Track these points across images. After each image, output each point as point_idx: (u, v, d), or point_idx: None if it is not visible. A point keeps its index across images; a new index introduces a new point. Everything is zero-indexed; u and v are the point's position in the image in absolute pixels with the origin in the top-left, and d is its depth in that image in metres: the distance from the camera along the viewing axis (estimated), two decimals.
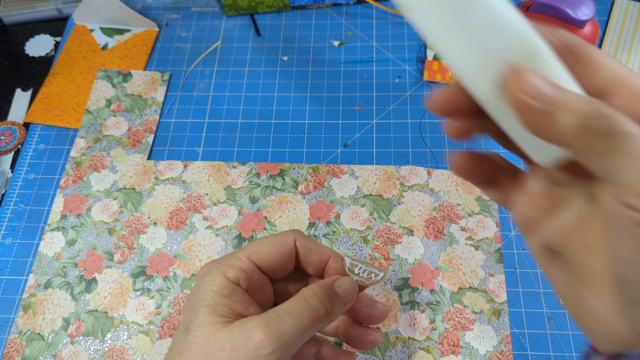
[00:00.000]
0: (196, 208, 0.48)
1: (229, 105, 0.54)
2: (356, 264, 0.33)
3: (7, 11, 0.61)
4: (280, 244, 0.32)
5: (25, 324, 0.43)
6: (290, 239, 0.33)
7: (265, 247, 0.32)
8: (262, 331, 0.27)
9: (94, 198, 0.48)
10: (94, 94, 0.55)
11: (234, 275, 0.30)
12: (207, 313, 0.28)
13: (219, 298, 0.29)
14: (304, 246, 0.33)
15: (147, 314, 0.43)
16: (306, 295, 0.30)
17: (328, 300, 0.29)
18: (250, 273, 0.31)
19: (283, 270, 0.33)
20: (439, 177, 0.48)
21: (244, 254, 0.31)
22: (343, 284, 0.31)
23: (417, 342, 0.41)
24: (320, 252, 0.33)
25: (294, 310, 0.29)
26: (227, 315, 0.29)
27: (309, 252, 0.33)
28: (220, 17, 0.61)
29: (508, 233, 0.45)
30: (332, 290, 0.30)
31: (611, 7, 0.58)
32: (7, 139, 0.53)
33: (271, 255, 0.32)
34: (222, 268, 0.30)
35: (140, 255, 0.45)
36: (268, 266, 0.32)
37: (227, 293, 0.29)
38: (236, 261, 0.31)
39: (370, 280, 0.32)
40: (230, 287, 0.29)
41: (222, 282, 0.30)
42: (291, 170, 0.49)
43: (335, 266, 0.33)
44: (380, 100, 0.54)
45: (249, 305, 0.30)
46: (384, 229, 0.46)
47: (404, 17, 0.59)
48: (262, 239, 0.33)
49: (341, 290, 0.31)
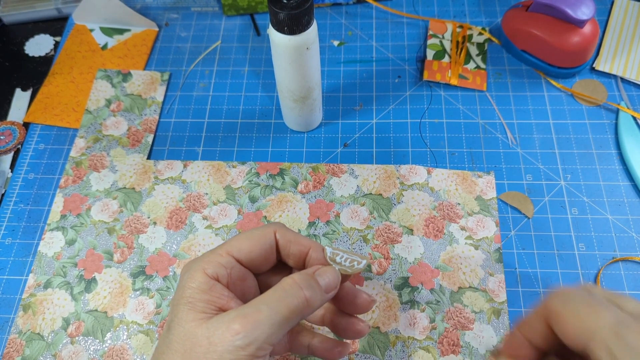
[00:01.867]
0: (196, 208, 0.47)
1: (229, 105, 0.54)
2: (337, 253, 0.32)
3: (6, 11, 0.61)
4: (259, 237, 0.32)
5: (25, 324, 0.43)
6: (270, 231, 0.33)
7: (245, 241, 0.32)
8: (239, 323, 0.27)
9: (94, 198, 0.48)
10: (94, 93, 0.55)
11: (212, 271, 0.30)
12: (187, 310, 0.29)
13: (198, 294, 0.29)
14: (284, 238, 0.33)
15: (147, 313, 0.43)
16: (285, 284, 0.30)
17: (308, 288, 0.29)
18: (229, 268, 0.31)
19: (265, 264, 0.33)
20: (439, 176, 0.48)
21: (223, 249, 0.31)
22: (324, 273, 0.31)
23: (417, 341, 0.41)
24: (301, 243, 0.33)
25: (271, 300, 0.28)
26: (206, 311, 0.29)
27: (289, 244, 0.33)
28: (220, 17, 0.61)
29: (508, 233, 0.45)
30: (312, 278, 0.30)
31: (611, 7, 0.58)
32: (6, 138, 0.53)
33: (251, 248, 0.32)
34: (202, 265, 0.30)
35: (140, 255, 0.45)
36: (248, 260, 0.32)
37: (206, 289, 0.29)
38: (215, 257, 0.31)
39: (352, 269, 0.32)
40: (209, 282, 0.30)
41: (201, 278, 0.30)
42: (291, 169, 0.49)
43: (316, 256, 0.32)
44: (380, 100, 0.54)
45: (229, 300, 0.30)
46: (383, 228, 0.46)
47: (404, 17, 0.59)
48: (242, 234, 0.33)
49: (322, 280, 0.31)
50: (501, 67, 0.55)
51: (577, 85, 0.53)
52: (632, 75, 0.53)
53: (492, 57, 0.56)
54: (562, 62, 0.52)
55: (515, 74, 0.54)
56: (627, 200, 0.47)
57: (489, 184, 0.47)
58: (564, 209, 0.46)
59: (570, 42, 0.50)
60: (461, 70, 0.54)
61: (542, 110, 0.52)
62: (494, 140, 0.50)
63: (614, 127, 0.50)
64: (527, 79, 0.54)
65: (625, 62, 0.54)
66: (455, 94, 0.53)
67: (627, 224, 0.45)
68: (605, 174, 0.48)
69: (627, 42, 0.55)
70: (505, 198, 0.47)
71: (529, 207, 0.46)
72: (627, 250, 0.44)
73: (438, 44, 0.56)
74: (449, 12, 0.59)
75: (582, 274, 0.43)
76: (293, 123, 0.51)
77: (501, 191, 0.47)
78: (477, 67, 0.54)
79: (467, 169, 0.49)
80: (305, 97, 0.46)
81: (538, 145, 0.50)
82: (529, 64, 0.54)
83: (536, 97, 0.53)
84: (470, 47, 0.56)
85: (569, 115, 0.51)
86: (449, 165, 0.49)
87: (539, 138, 0.50)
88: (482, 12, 0.59)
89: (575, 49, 0.51)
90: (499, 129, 0.51)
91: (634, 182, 0.47)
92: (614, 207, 0.46)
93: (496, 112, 0.52)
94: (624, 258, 0.44)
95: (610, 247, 0.44)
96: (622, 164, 0.48)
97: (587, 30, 0.50)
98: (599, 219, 0.46)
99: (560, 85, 0.53)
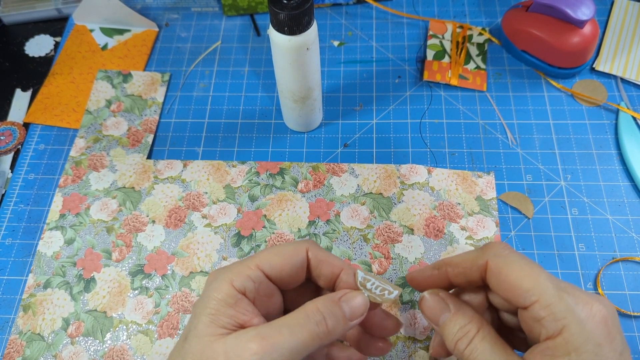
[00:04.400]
0: (195, 206, 0.47)
1: (229, 105, 0.54)
2: (369, 279, 0.31)
3: (7, 11, 0.61)
4: (291, 253, 0.31)
5: (26, 324, 0.43)
6: (303, 249, 0.31)
7: (276, 256, 0.31)
8: (257, 343, 0.26)
9: (93, 197, 0.48)
10: (94, 94, 0.55)
11: (240, 284, 0.29)
12: (207, 323, 0.28)
13: (222, 307, 0.28)
14: (316, 257, 0.32)
15: (146, 313, 0.43)
16: (308, 309, 0.29)
17: (330, 317, 0.28)
18: (258, 282, 0.30)
19: (293, 281, 0.32)
20: (439, 175, 0.48)
21: (253, 262, 0.30)
22: (352, 299, 0.30)
23: (417, 341, 0.41)
24: (332, 263, 0.32)
25: (293, 325, 0.28)
26: (227, 327, 0.28)
27: (320, 264, 0.32)
28: (220, 17, 0.61)
29: (508, 233, 0.45)
30: (336, 306, 0.29)
31: (611, 7, 0.58)
32: (6, 139, 0.53)
33: (282, 265, 0.31)
34: (230, 276, 0.29)
35: (139, 253, 0.45)
36: (278, 276, 0.31)
37: (232, 302, 0.28)
38: (245, 269, 0.30)
39: (382, 297, 0.31)
40: (235, 296, 0.29)
41: (228, 290, 0.29)
42: (291, 168, 0.49)
43: (347, 280, 0.31)
44: (380, 100, 0.54)
45: (252, 317, 0.29)
46: (384, 227, 0.46)
47: (404, 18, 0.59)
48: (273, 248, 0.32)
49: (348, 306, 0.30)
50: (501, 68, 0.55)
51: (577, 85, 0.53)
52: (632, 75, 0.53)
53: (492, 58, 0.56)
54: (562, 63, 0.52)
55: (515, 74, 0.54)
56: (627, 200, 0.47)
57: (489, 184, 0.47)
58: (564, 209, 0.46)
59: (570, 42, 0.50)
60: (461, 70, 0.54)
61: (542, 110, 0.52)
62: (494, 140, 0.50)
63: (614, 128, 0.50)
64: (527, 79, 0.54)
65: (625, 63, 0.54)
66: (455, 94, 0.53)
67: (627, 224, 0.45)
68: (605, 174, 0.48)
69: (627, 42, 0.55)
70: (505, 198, 0.47)
71: (529, 207, 0.46)
72: (627, 251, 0.44)
73: (438, 44, 0.56)
74: (449, 13, 0.59)
75: (582, 274, 0.43)
76: (293, 123, 0.51)
77: (501, 191, 0.47)
78: (477, 68, 0.54)
79: (467, 169, 0.49)
80: (306, 98, 0.46)
81: (538, 146, 0.50)
82: (529, 64, 0.55)
83: (536, 97, 0.53)
84: (470, 47, 0.56)
85: (569, 116, 0.51)
86: (449, 165, 0.49)
87: (539, 138, 0.50)
88: (482, 12, 0.59)
89: (575, 49, 0.51)
90: (499, 129, 0.51)
91: (634, 183, 0.47)
92: (614, 207, 0.46)
93: (496, 112, 0.52)
94: (624, 258, 0.44)
95: (610, 247, 0.44)
96: (622, 164, 0.48)
97: (587, 31, 0.50)
98: (599, 219, 0.46)
99: (560, 86, 0.53)
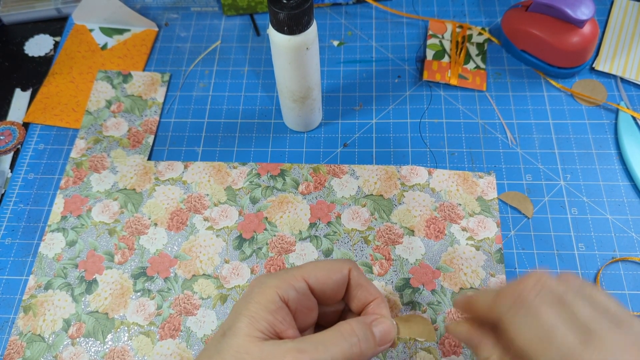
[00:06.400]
0: (196, 209, 0.47)
1: (229, 105, 0.54)
2: None
3: (6, 11, 0.61)
4: (336, 270, 0.32)
5: (26, 325, 0.43)
6: (346, 267, 0.32)
7: (322, 271, 0.31)
8: (294, 357, 0.27)
9: (94, 199, 0.48)
10: (94, 94, 0.55)
11: (284, 293, 0.30)
12: (247, 323, 0.28)
13: (263, 312, 0.29)
14: (355, 280, 0.32)
15: (148, 314, 0.43)
16: (343, 330, 0.29)
17: (364, 339, 0.29)
18: (301, 294, 0.30)
19: (333, 298, 0.33)
20: (440, 177, 0.48)
21: (299, 273, 0.31)
22: (381, 325, 0.31)
23: (418, 342, 0.41)
24: (369, 291, 0.33)
25: (328, 343, 0.28)
26: (264, 332, 0.28)
27: (358, 287, 0.32)
28: (219, 17, 0.61)
29: (507, 233, 0.45)
30: (369, 330, 0.30)
31: (610, 6, 0.58)
32: (6, 138, 0.53)
33: (326, 280, 0.31)
34: (276, 282, 0.30)
35: (141, 256, 0.45)
36: (321, 291, 0.31)
37: (273, 309, 0.29)
38: (291, 279, 0.30)
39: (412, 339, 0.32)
40: (277, 303, 0.29)
41: (271, 296, 0.29)
42: (292, 170, 0.49)
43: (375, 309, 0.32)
44: (380, 100, 0.54)
45: (288, 327, 0.29)
46: (384, 229, 0.46)
47: (404, 17, 0.59)
48: (318, 262, 0.32)
49: (379, 331, 0.31)
50: (501, 67, 0.55)
51: (576, 85, 0.53)
52: (631, 75, 0.53)
53: (491, 57, 0.56)
54: (562, 62, 0.52)
55: (515, 74, 0.54)
56: (627, 200, 0.47)
57: (489, 184, 0.47)
58: (564, 209, 0.46)
59: (570, 42, 0.50)
60: (461, 70, 0.54)
61: (541, 110, 0.52)
62: (493, 140, 0.50)
63: (614, 127, 0.51)
64: (526, 79, 0.54)
65: (625, 62, 0.54)
66: (455, 94, 0.53)
67: (627, 224, 0.46)
68: (605, 174, 0.48)
69: (627, 42, 0.55)
70: (505, 198, 0.47)
71: (528, 207, 0.46)
72: (626, 250, 0.44)
73: (438, 44, 0.56)
74: (448, 12, 0.59)
75: (581, 274, 0.43)
76: (293, 123, 0.51)
77: (501, 191, 0.47)
78: (476, 67, 0.54)
79: (466, 168, 0.49)
80: (305, 97, 0.46)
81: (538, 145, 0.50)
82: (528, 64, 0.55)
83: (536, 97, 0.53)
84: (470, 47, 0.56)
85: (569, 115, 0.51)
86: (449, 165, 0.49)
87: (538, 138, 0.50)
88: (482, 12, 0.59)
89: (574, 49, 0.51)
90: (499, 129, 0.51)
91: (633, 182, 0.47)
92: (613, 207, 0.46)
93: (496, 112, 0.52)
94: (623, 258, 0.44)
95: (610, 247, 0.45)
96: (622, 164, 0.49)
97: (587, 30, 0.50)
98: (598, 219, 0.46)
99: (560, 85, 0.53)
